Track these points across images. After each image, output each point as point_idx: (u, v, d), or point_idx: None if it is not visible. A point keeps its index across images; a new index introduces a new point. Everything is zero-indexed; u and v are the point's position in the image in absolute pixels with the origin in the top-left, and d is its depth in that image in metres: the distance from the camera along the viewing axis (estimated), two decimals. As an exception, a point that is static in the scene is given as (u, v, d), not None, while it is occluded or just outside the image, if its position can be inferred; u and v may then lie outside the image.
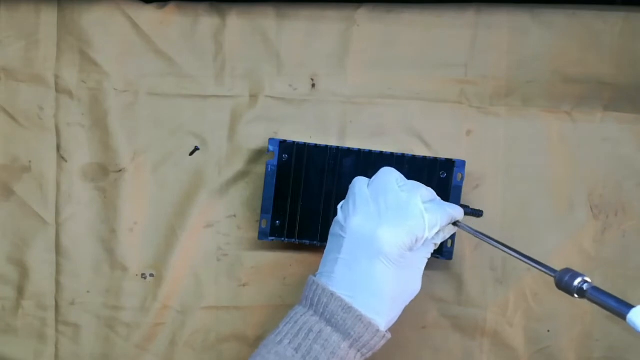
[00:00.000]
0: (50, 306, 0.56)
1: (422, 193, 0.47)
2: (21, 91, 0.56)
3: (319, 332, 0.42)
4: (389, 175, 0.47)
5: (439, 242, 0.48)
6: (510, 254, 0.44)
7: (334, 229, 0.47)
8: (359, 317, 0.42)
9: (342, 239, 0.45)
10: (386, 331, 0.44)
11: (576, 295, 0.37)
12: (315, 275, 0.46)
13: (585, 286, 0.36)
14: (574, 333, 0.57)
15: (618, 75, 0.57)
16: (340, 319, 0.42)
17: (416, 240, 0.45)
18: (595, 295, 0.36)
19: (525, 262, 0.42)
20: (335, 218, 0.47)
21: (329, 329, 0.42)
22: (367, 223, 0.44)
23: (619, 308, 0.34)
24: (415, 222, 0.44)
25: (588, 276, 0.37)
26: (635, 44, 0.57)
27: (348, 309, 0.42)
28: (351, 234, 0.44)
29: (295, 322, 0.43)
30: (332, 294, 0.43)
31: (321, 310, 0.43)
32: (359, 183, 0.48)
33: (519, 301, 0.57)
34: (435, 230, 0.46)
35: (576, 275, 0.37)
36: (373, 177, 0.48)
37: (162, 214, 0.56)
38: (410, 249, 0.45)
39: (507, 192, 0.57)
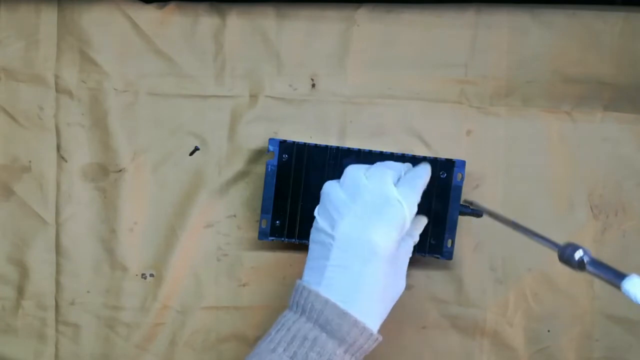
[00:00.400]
0: (50, 306, 0.56)
1: (390, 176, 0.46)
2: (21, 91, 0.56)
3: (314, 339, 0.42)
4: (355, 172, 0.47)
5: (417, 237, 0.49)
6: (514, 229, 0.45)
7: (317, 236, 0.46)
8: (355, 323, 0.42)
9: (330, 246, 0.44)
10: (378, 334, 0.44)
11: (578, 269, 0.37)
12: (303, 279, 0.45)
13: (585, 259, 0.37)
14: (574, 333, 0.57)
15: (618, 75, 0.57)
16: (336, 325, 0.42)
17: (402, 228, 0.45)
18: (594, 267, 0.36)
19: (529, 237, 0.43)
20: (315, 225, 0.46)
21: (324, 335, 0.42)
22: (354, 227, 0.44)
23: (614, 279, 0.35)
24: (395, 211, 0.44)
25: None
26: (635, 44, 0.57)
27: (343, 315, 0.42)
28: (340, 239, 0.44)
29: (288, 329, 0.43)
30: (327, 301, 0.42)
31: (315, 317, 0.42)
32: (332, 188, 0.47)
33: (519, 301, 0.57)
34: (415, 208, 0.46)
35: (577, 248, 0.37)
36: (341, 179, 0.47)
37: (162, 214, 0.56)
38: (399, 241, 0.45)
39: (507, 192, 0.57)
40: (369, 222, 0.44)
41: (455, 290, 0.57)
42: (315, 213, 0.47)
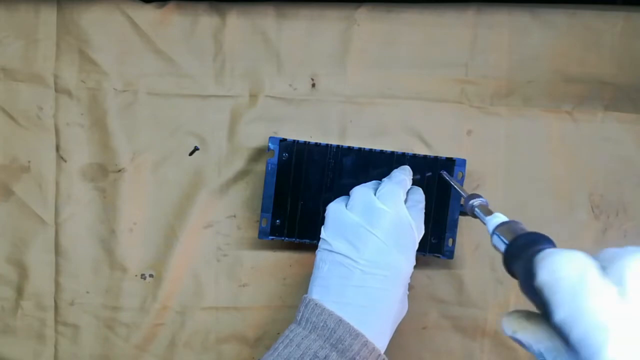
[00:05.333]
0: (50, 307, 0.55)
1: (402, 197, 0.48)
2: (20, 91, 0.55)
3: (324, 357, 0.42)
4: (365, 194, 0.47)
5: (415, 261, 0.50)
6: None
7: (328, 256, 0.46)
8: (365, 343, 0.42)
9: (351, 267, 0.44)
10: (385, 354, 0.44)
11: (471, 215, 0.42)
12: (312, 296, 0.45)
13: (474, 204, 0.42)
14: (575, 333, 0.57)
15: (619, 75, 0.57)
16: (348, 344, 0.42)
17: (414, 251, 0.47)
18: (478, 212, 0.41)
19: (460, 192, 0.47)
20: (325, 246, 0.46)
21: (334, 354, 0.42)
22: (378, 251, 0.45)
23: (483, 218, 0.39)
24: (411, 234, 0.46)
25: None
26: (636, 43, 0.57)
27: (356, 334, 0.42)
28: (365, 264, 0.44)
29: (298, 346, 0.43)
30: (340, 320, 0.43)
31: (327, 335, 0.42)
32: (340, 211, 0.47)
33: (519, 301, 0.57)
34: (423, 231, 0.48)
35: (474, 196, 0.42)
36: (350, 201, 0.48)
37: (161, 214, 0.56)
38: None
39: (508, 192, 0.57)
40: (391, 247, 0.45)
41: (455, 291, 0.57)
42: (324, 235, 0.47)
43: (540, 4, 0.57)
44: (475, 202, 0.42)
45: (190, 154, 0.56)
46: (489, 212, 0.38)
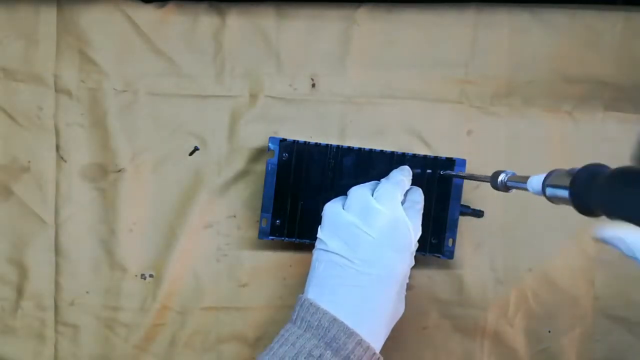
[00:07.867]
0: (50, 307, 0.55)
1: (399, 197, 0.48)
2: (20, 91, 0.55)
3: (319, 356, 0.42)
4: (362, 194, 0.47)
5: (414, 262, 0.50)
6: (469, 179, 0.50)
7: (324, 255, 0.46)
8: (359, 342, 0.42)
9: (346, 267, 0.45)
10: (380, 354, 0.44)
11: (504, 189, 0.42)
12: (307, 295, 0.45)
13: (505, 179, 0.42)
14: (574, 333, 0.57)
15: (619, 75, 0.57)
16: (342, 343, 0.42)
17: (411, 252, 0.47)
18: (512, 183, 0.41)
19: (481, 180, 0.47)
20: (322, 246, 0.47)
21: (328, 353, 0.42)
22: (373, 251, 0.45)
23: (523, 184, 0.39)
24: (407, 235, 0.46)
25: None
26: (636, 43, 0.57)
27: (350, 333, 0.42)
28: (359, 263, 0.45)
29: (292, 345, 0.43)
30: (335, 319, 0.43)
31: (321, 334, 0.42)
32: (337, 211, 0.47)
33: (519, 301, 0.57)
34: (420, 232, 0.48)
35: (500, 172, 0.42)
36: (347, 201, 0.48)
37: (161, 214, 0.56)
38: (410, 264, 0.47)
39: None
40: (386, 247, 0.45)
41: (455, 291, 0.57)
42: (320, 235, 0.47)
43: (540, 4, 0.57)
44: (504, 176, 0.42)
45: (190, 154, 0.56)
46: (524, 178, 0.39)
